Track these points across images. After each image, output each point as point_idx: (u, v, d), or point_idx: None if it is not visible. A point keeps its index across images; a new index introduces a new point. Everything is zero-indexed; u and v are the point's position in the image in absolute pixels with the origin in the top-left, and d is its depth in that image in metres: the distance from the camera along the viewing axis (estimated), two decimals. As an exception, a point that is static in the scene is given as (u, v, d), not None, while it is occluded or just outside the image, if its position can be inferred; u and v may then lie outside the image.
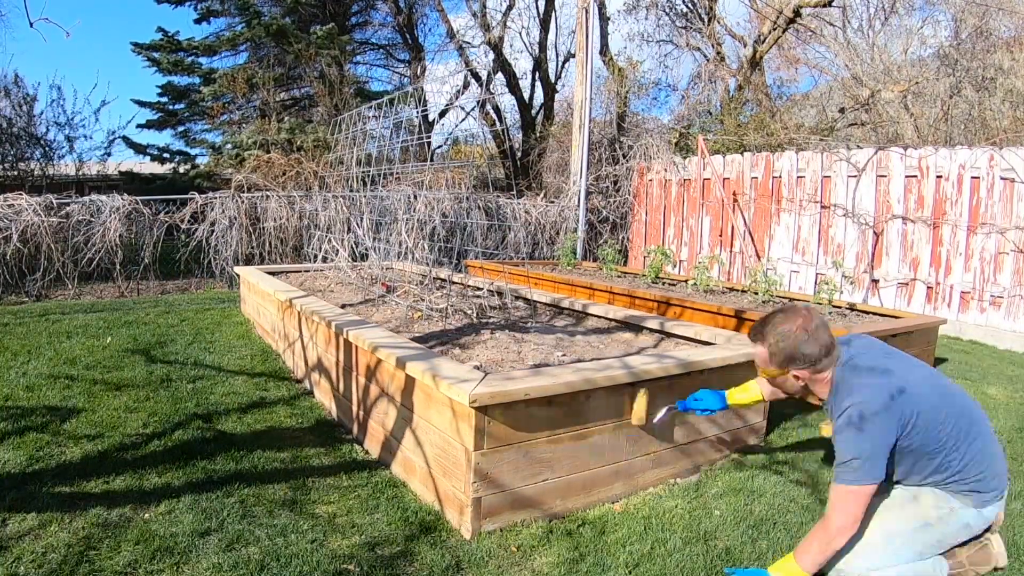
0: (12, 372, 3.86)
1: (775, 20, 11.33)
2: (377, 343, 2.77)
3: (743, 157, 8.47)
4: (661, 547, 2.21)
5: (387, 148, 4.87)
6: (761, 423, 3.23)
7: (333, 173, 8.37)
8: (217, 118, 11.95)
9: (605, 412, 2.48)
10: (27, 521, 2.19)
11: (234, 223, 7.68)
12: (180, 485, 2.51)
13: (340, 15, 14.38)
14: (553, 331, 3.68)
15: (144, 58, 12.72)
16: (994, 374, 4.92)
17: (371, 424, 2.95)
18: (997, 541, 1.98)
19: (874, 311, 4.93)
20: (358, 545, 2.15)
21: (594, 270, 7.33)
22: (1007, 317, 6.13)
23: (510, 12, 14.11)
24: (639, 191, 9.96)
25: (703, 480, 2.79)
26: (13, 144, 10.35)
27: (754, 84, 12.14)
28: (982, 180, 6.28)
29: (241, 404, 3.47)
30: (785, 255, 7.95)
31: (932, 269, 6.68)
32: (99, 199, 7.11)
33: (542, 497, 2.36)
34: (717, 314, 4.59)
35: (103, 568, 1.95)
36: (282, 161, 9.16)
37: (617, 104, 11.84)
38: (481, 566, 2.07)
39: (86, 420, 3.14)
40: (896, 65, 11.15)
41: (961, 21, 10.77)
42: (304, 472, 2.69)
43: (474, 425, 2.14)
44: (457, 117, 17.19)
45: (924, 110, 10.27)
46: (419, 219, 6.05)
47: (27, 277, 6.62)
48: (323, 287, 4.93)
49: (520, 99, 14.90)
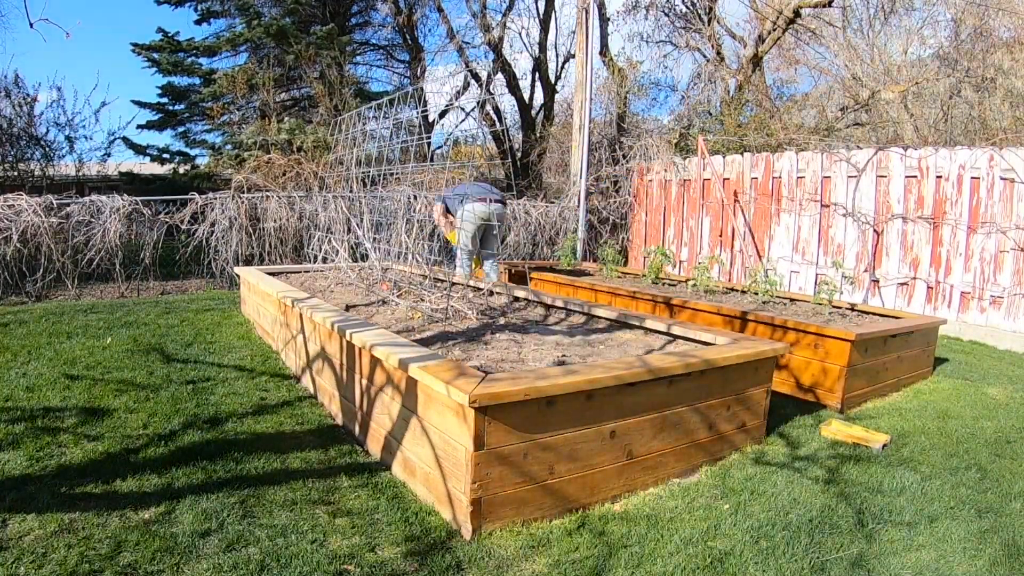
0: (12, 372, 3.86)
1: (775, 20, 11.33)
2: (377, 344, 2.77)
3: (743, 157, 8.47)
4: (661, 547, 2.21)
5: (387, 149, 4.87)
6: (760, 424, 3.24)
7: (333, 173, 8.37)
8: (217, 119, 11.94)
9: (605, 412, 2.48)
10: (27, 521, 2.19)
11: (234, 224, 7.68)
12: (180, 485, 2.51)
13: (340, 15, 14.38)
14: (553, 331, 3.68)
15: (144, 59, 12.72)
16: (994, 374, 4.92)
17: (371, 425, 2.95)
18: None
19: (875, 311, 4.93)
20: (358, 545, 2.14)
21: (594, 271, 7.33)
22: (1007, 317, 6.13)
23: (510, 12, 14.12)
24: (639, 191, 9.96)
25: (703, 480, 2.79)
26: (13, 144, 10.35)
27: (754, 84, 12.14)
28: (982, 180, 6.29)
29: (241, 404, 3.47)
30: (785, 255, 7.95)
31: (932, 269, 6.68)
32: (99, 199, 7.12)
33: (542, 497, 2.36)
34: (717, 314, 4.59)
35: (103, 568, 1.95)
36: (282, 161, 9.16)
37: (617, 104, 11.85)
38: (481, 566, 2.07)
39: (86, 420, 3.14)
40: (896, 65, 11.15)
41: (961, 21, 10.77)
42: (304, 473, 2.69)
43: (474, 425, 2.14)
44: (457, 117, 17.20)
45: (924, 110, 10.27)
46: (419, 219, 6.05)
47: (27, 277, 6.61)
48: (323, 288, 4.93)
49: (520, 99, 14.91)
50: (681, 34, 13.71)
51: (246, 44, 12.62)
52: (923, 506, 2.62)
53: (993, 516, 2.57)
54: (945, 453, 3.22)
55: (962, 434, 3.51)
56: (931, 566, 2.20)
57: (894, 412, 3.87)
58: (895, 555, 2.25)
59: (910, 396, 4.26)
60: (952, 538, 2.38)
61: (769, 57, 12.54)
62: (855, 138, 10.66)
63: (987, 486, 2.86)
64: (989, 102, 9.47)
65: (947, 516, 2.55)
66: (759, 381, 3.14)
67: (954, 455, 3.20)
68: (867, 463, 3.03)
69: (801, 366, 4.05)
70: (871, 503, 2.62)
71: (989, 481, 2.91)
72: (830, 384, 3.90)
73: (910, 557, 2.25)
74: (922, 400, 4.17)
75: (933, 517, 2.54)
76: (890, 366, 4.27)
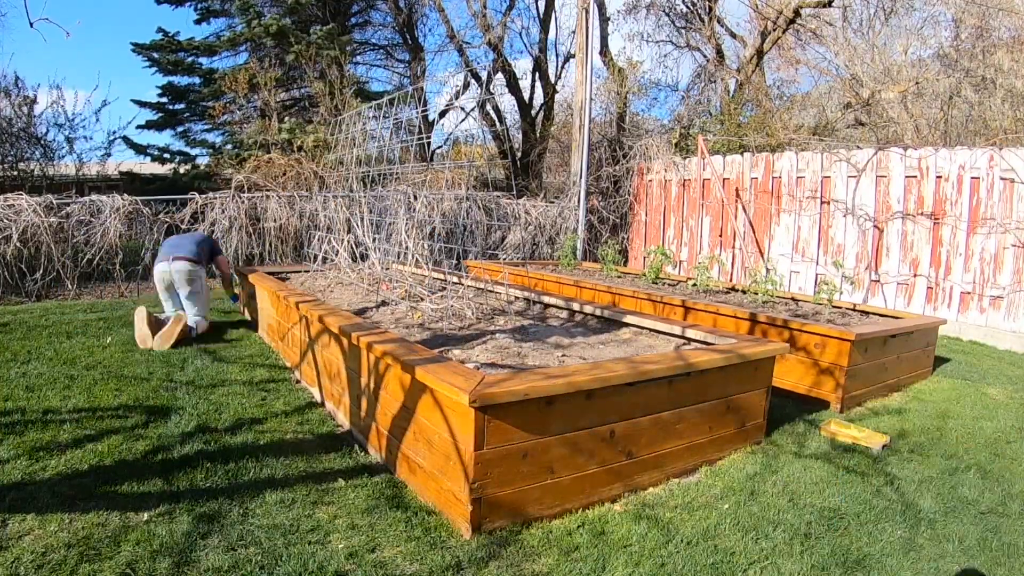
0: (12, 372, 3.86)
1: (775, 20, 11.33)
2: (376, 343, 2.77)
3: (743, 157, 8.47)
4: (662, 547, 2.21)
5: (387, 148, 4.87)
6: (760, 424, 3.24)
7: (333, 173, 8.36)
8: (217, 118, 11.93)
9: (605, 412, 2.48)
10: (27, 521, 2.19)
11: (234, 223, 7.68)
12: (180, 486, 2.51)
13: (340, 15, 14.37)
14: (554, 331, 3.68)
15: (144, 58, 12.71)
16: (994, 374, 4.92)
17: (371, 425, 2.95)
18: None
19: (875, 311, 4.93)
20: (359, 546, 2.15)
21: (594, 270, 7.33)
22: (1007, 317, 6.13)
23: (510, 12, 14.12)
24: (639, 191, 9.96)
25: (703, 480, 2.79)
26: (13, 144, 10.34)
27: (754, 84, 12.14)
28: (982, 180, 6.29)
29: (241, 404, 3.48)
30: (785, 255, 7.95)
31: (932, 269, 6.68)
32: (99, 199, 7.11)
33: (542, 497, 2.36)
34: (717, 314, 4.59)
35: (103, 568, 1.95)
36: (282, 161, 9.15)
37: (617, 104, 11.84)
38: (481, 566, 2.07)
39: (86, 420, 3.14)
40: (896, 65, 11.15)
41: (961, 21, 10.76)
42: (304, 473, 2.69)
43: (474, 425, 2.14)
44: (457, 117, 17.20)
45: (924, 110, 10.26)
46: (419, 219, 6.05)
47: (27, 277, 6.61)
48: (323, 288, 4.93)
49: (520, 99, 14.90)
50: (681, 34, 13.71)
51: (246, 44, 12.61)
52: (923, 506, 2.62)
53: (994, 517, 2.57)
54: (945, 453, 3.22)
55: (962, 434, 3.52)
56: (931, 566, 2.20)
57: (894, 412, 3.87)
58: (895, 555, 2.25)
59: (910, 396, 4.27)
60: (952, 539, 2.38)
61: (769, 57, 12.53)
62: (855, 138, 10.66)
63: (987, 486, 2.86)
64: (989, 102, 9.47)
65: (947, 517, 2.55)
66: (759, 381, 3.14)
67: (954, 455, 3.20)
68: (867, 464, 3.03)
69: (801, 366, 4.05)
70: (871, 503, 2.62)
71: (989, 481, 2.91)
72: (830, 384, 3.90)
73: (910, 557, 2.25)
74: (922, 400, 4.17)
75: (933, 518, 2.54)
76: (890, 366, 4.27)
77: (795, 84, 13.52)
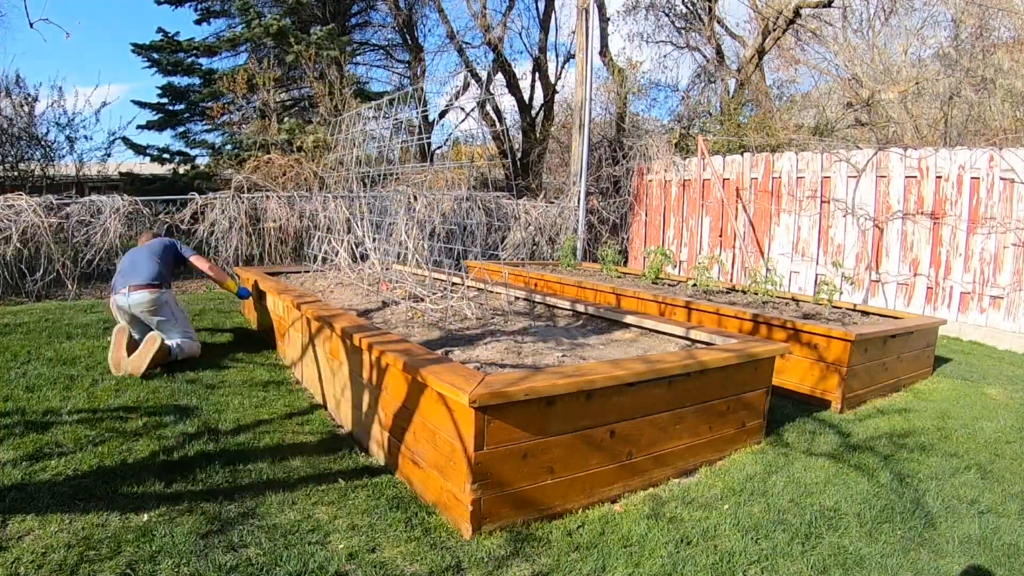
0: (12, 372, 3.85)
1: (775, 20, 11.33)
2: (377, 344, 2.77)
3: (743, 158, 8.47)
4: (662, 547, 2.21)
5: (387, 149, 4.87)
6: (760, 424, 3.24)
7: (333, 174, 8.36)
8: (217, 119, 11.94)
9: (605, 412, 2.48)
10: (27, 521, 2.19)
11: (234, 224, 7.68)
12: (181, 486, 2.51)
13: (340, 15, 14.38)
14: (554, 332, 3.68)
15: (144, 59, 12.71)
16: (994, 374, 4.92)
17: (371, 425, 2.95)
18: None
19: (875, 312, 4.93)
20: (359, 546, 2.14)
21: (595, 271, 7.33)
22: (1007, 317, 6.13)
23: (510, 12, 14.12)
24: (639, 192, 9.96)
25: (703, 480, 2.79)
26: (13, 144, 10.33)
27: (754, 84, 12.14)
28: (982, 181, 6.29)
29: (241, 405, 3.47)
30: (785, 255, 7.95)
31: (932, 269, 6.68)
32: (99, 199, 7.11)
33: (542, 497, 2.36)
34: (717, 315, 4.59)
35: (103, 569, 1.95)
36: (282, 161, 9.15)
37: (617, 105, 11.85)
38: (481, 566, 2.07)
39: (86, 421, 3.14)
40: (896, 65, 11.15)
41: (961, 21, 10.77)
42: (304, 473, 2.69)
43: (474, 425, 2.14)
44: (457, 117, 17.20)
45: (924, 110, 10.26)
46: (419, 220, 6.04)
47: (27, 278, 6.61)
48: (323, 288, 4.93)
49: (520, 99, 14.90)
50: (681, 34, 13.72)
51: (246, 44, 12.61)
52: (923, 506, 2.62)
53: (993, 516, 2.57)
54: (945, 453, 3.22)
55: (962, 434, 3.52)
56: (931, 566, 2.20)
57: (894, 412, 3.87)
58: (895, 555, 2.25)
59: (910, 396, 4.27)
60: (953, 538, 2.38)
61: (769, 57, 12.54)
62: (855, 138, 10.66)
63: (987, 486, 2.86)
64: (989, 102, 9.47)
65: (948, 517, 2.55)
66: (759, 381, 3.14)
67: (954, 455, 3.20)
68: (867, 464, 3.03)
69: (801, 366, 4.05)
70: (871, 503, 2.62)
71: (989, 481, 2.91)
72: (830, 384, 3.90)
73: (910, 557, 2.25)
74: (922, 400, 4.17)
75: (933, 518, 2.54)
76: (890, 366, 4.28)
77: (795, 84, 13.53)
